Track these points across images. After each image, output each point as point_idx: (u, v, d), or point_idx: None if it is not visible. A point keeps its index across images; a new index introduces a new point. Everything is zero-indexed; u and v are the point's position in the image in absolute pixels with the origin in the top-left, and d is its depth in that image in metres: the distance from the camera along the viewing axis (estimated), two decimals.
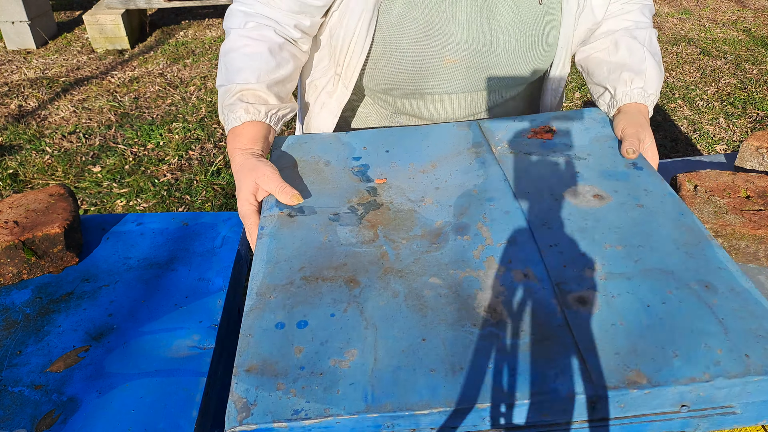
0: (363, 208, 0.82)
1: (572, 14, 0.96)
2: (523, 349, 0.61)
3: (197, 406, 0.74)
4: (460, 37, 0.95)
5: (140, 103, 3.31)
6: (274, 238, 0.78)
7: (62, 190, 1.04)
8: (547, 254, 0.73)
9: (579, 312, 0.65)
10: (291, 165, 0.92)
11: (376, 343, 0.62)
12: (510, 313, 0.65)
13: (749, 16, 4.58)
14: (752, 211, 0.92)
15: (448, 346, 0.62)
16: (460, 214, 0.80)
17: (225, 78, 0.94)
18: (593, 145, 0.93)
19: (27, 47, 4.04)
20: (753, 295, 0.66)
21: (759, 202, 0.94)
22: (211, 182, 2.60)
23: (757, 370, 0.58)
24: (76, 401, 0.74)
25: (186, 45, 4.11)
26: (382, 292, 0.69)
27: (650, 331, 0.62)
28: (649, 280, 0.68)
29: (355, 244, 0.76)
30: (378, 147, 0.95)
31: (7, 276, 0.92)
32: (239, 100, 0.92)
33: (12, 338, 0.83)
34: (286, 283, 0.71)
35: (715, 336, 0.61)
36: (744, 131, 2.99)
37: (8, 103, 3.29)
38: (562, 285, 0.68)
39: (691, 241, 0.74)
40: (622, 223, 0.77)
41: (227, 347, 0.91)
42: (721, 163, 1.18)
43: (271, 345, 0.63)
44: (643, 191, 0.83)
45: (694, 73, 3.62)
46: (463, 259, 0.73)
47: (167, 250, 1.00)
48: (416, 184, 0.86)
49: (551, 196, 0.82)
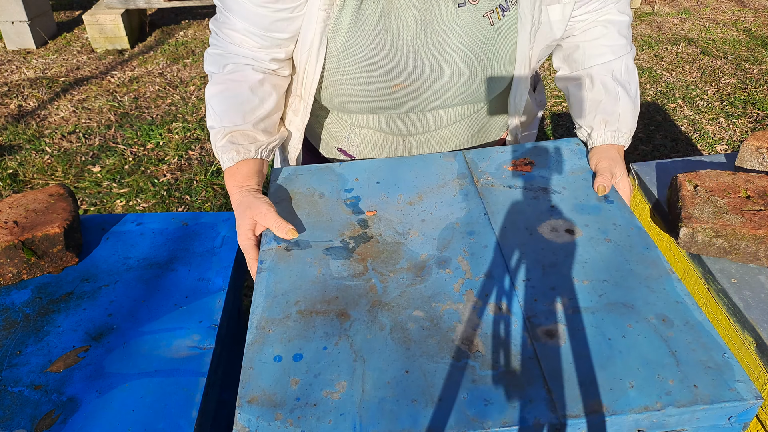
0: (354, 241, 0.89)
1: (527, 32, 0.96)
2: (495, 380, 0.67)
3: (197, 406, 0.74)
4: (406, 62, 0.95)
5: (140, 103, 3.31)
6: (272, 272, 0.84)
7: (62, 190, 1.04)
8: (520, 288, 0.79)
9: (547, 344, 0.71)
10: (288, 197, 0.98)
11: (364, 376, 0.69)
12: (485, 345, 0.72)
13: (749, 16, 4.59)
14: (752, 211, 0.92)
15: (429, 377, 0.68)
16: (443, 248, 0.86)
17: (213, 120, 0.98)
18: (568, 178, 0.99)
19: (27, 47, 4.04)
20: (705, 327, 0.72)
21: (759, 202, 0.94)
22: (211, 182, 2.60)
23: (704, 400, 0.64)
24: (76, 401, 0.74)
25: (186, 45, 4.11)
26: (370, 325, 0.75)
27: (610, 363, 0.68)
28: (611, 314, 0.75)
29: (347, 278, 0.82)
30: (369, 178, 1.02)
31: (7, 276, 0.92)
32: (230, 142, 0.97)
33: (12, 338, 0.83)
34: (282, 317, 0.77)
35: (668, 367, 0.68)
36: (744, 131, 2.98)
37: (8, 103, 3.29)
38: (532, 318, 0.75)
39: (653, 275, 0.80)
40: (590, 257, 0.83)
41: (227, 347, 0.91)
42: (721, 163, 1.18)
43: (270, 377, 0.69)
44: (612, 225, 0.89)
45: (694, 73, 3.62)
46: (445, 292, 0.79)
47: (167, 250, 1.00)
48: (404, 216, 0.93)
49: (527, 230, 0.88)
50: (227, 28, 0.96)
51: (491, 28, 0.94)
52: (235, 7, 0.92)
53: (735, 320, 0.86)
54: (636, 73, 1.06)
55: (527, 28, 0.96)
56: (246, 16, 0.92)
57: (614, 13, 1.04)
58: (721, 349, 0.70)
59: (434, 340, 0.72)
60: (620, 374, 0.67)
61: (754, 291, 0.87)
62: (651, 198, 1.12)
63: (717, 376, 0.66)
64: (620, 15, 1.05)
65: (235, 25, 0.94)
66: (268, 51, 0.97)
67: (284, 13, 0.91)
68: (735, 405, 0.64)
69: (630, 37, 1.07)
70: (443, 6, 0.92)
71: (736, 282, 0.89)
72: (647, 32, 4.26)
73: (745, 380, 0.66)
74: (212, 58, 0.99)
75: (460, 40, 0.94)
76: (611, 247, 0.84)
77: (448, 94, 1.01)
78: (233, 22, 0.94)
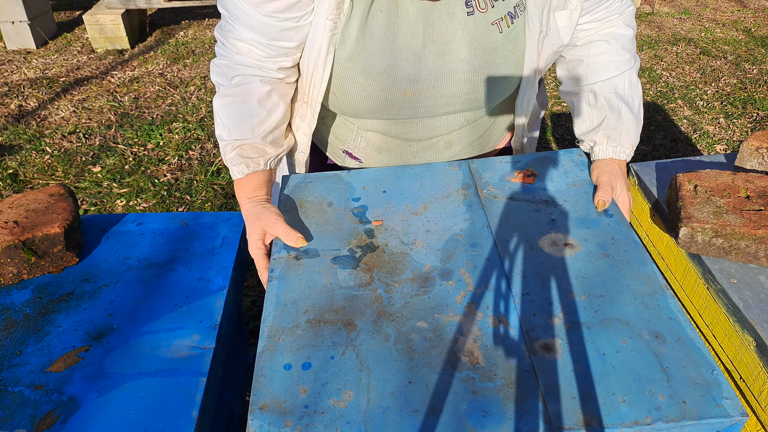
0: (361, 250, 0.91)
1: (535, 39, 0.96)
2: (494, 392, 0.70)
3: (197, 406, 0.74)
4: (415, 71, 0.95)
5: (140, 103, 3.31)
6: (283, 281, 0.87)
7: (62, 190, 1.04)
8: (519, 302, 0.81)
9: (544, 358, 0.74)
10: (297, 205, 1.01)
11: (369, 385, 0.71)
12: (485, 358, 0.74)
13: (749, 16, 4.58)
14: (752, 211, 0.92)
15: (431, 388, 0.71)
16: (447, 259, 0.89)
17: (222, 132, 0.99)
18: (570, 191, 1.01)
19: (27, 47, 4.04)
20: (696, 344, 0.75)
21: (759, 202, 0.94)
22: (211, 182, 2.60)
23: (692, 416, 0.67)
24: (76, 401, 0.74)
25: (186, 45, 4.11)
26: (376, 335, 0.78)
27: (604, 378, 0.71)
28: (606, 329, 0.77)
29: (353, 287, 0.85)
30: (376, 187, 1.04)
31: (7, 276, 0.92)
32: (239, 156, 0.98)
33: (12, 338, 0.83)
34: (292, 326, 0.80)
35: (659, 383, 0.70)
36: (744, 131, 2.98)
37: (8, 103, 3.29)
38: (530, 332, 0.77)
39: (648, 291, 0.82)
40: (587, 272, 0.85)
41: (227, 347, 0.91)
42: (721, 163, 1.18)
43: (280, 385, 0.72)
44: (610, 240, 0.91)
45: (694, 73, 3.62)
46: (447, 304, 0.81)
47: (167, 250, 1.00)
48: (409, 226, 0.96)
49: (527, 244, 0.91)
50: (233, 37, 0.95)
51: (500, 35, 0.94)
52: (242, 17, 0.91)
53: (735, 320, 0.86)
54: (639, 87, 1.07)
55: (535, 35, 0.96)
56: (252, 26, 0.92)
57: (619, 26, 1.04)
58: (710, 365, 0.72)
59: (436, 352, 0.75)
60: (613, 389, 0.69)
61: (754, 291, 0.87)
62: (651, 198, 1.12)
63: (705, 392, 0.69)
64: (625, 28, 1.05)
65: (241, 34, 0.94)
66: (274, 60, 0.97)
67: (291, 22, 0.91)
68: (722, 421, 0.67)
69: (634, 50, 1.07)
70: (452, 14, 0.91)
71: (736, 282, 0.89)
72: (647, 32, 4.26)
73: (732, 397, 0.68)
74: (219, 69, 0.99)
75: (469, 48, 0.94)
76: (608, 262, 0.87)
77: (456, 100, 1.01)
78: (239, 32, 0.94)
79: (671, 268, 1.05)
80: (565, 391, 0.70)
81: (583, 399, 0.69)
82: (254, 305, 1.89)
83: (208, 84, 3.53)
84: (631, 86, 1.05)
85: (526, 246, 0.90)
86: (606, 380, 0.70)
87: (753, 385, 0.85)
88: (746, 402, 0.89)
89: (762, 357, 0.82)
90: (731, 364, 0.89)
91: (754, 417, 0.88)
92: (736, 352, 0.87)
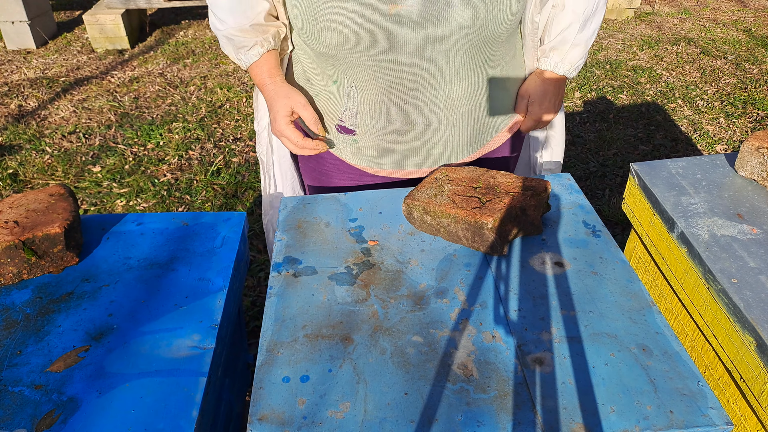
0: (357, 267, 0.94)
1: None
2: (487, 403, 0.72)
3: (197, 406, 0.74)
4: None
5: (140, 103, 3.31)
6: (281, 297, 0.89)
7: (62, 190, 1.04)
8: (512, 318, 0.84)
9: (536, 371, 0.76)
10: (295, 225, 1.04)
11: (366, 397, 0.73)
12: (479, 371, 0.76)
13: (749, 15, 4.58)
14: (464, 197, 0.92)
15: (426, 399, 0.73)
16: (441, 278, 0.91)
17: (218, 23, 1.05)
18: (560, 213, 1.06)
19: (27, 47, 4.04)
20: (682, 357, 0.78)
21: (482, 191, 0.94)
22: (211, 182, 2.60)
23: (679, 425, 0.69)
24: (76, 401, 0.74)
25: (186, 45, 4.11)
26: (372, 349, 0.80)
27: (593, 389, 0.74)
28: (595, 343, 0.80)
29: (350, 303, 0.87)
30: (372, 208, 1.08)
31: (7, 276, 0.92)
32: (248, 38, 1.04)
33: (12, 338, 0.83)
34: (291, 340, 0.81)
35: (647, 394, 0.73)
36: (744, 131, 2.98)
37: (8, 103, 3.29)
38: (522, 346, 0.80)
39: (635, 307, 0.85)
40: (577, 289, 0.89)
41: (227, 347, 0.91)
42: (721, 162, 1.18)
43: (279, 397, 0.73)
44: (598, 258, 0.94)
45: (694, 73, 3.62)
46: (442, 320, 0.84)
47: (167, 250, 1.00)
48: (405, 246, 0.98)
49: (519, 263, 0.94)
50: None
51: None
52: None
53: (735, 320, 0.86)
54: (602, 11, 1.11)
55: None
56: None
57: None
58: (696, 377, 0.75)
59: (432, 365, 0.77)
60: (602, 400, 0.72)
61: (754, 291, 0.87)
62: (651, 198, 1.12)
63: (691, 402, 0.72)
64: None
65: None
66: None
67: None
68: (707, 430, 0.69)
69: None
70: None
71: (736, 282, 0.89)
72: (647, 32, 4.26)
73: (717, 407, 0.71)
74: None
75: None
76: (597, 279, 0.90)
77: (453, 27, 0.95)
78: None
79: (671, 268, 1.05)
80: (556, 402, 0.72)
81: (573, 410, 0.71)
82: (254, 305, 1.89)
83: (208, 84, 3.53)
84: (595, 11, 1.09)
85: (518, 265, 0.93)
86: (596, 392, 0.73)
87: (753, 385, 0.85)
88: (746, 402, 0.89)
89: (762, 357, 0.82)
90: (732, 364, 0.89)
91: (754, 417, 0.88)
92: (737, 352, 0.87)
